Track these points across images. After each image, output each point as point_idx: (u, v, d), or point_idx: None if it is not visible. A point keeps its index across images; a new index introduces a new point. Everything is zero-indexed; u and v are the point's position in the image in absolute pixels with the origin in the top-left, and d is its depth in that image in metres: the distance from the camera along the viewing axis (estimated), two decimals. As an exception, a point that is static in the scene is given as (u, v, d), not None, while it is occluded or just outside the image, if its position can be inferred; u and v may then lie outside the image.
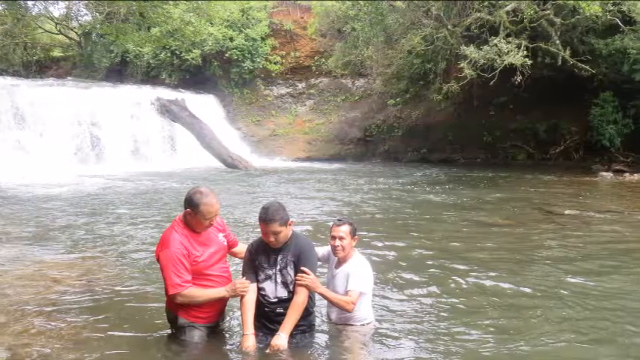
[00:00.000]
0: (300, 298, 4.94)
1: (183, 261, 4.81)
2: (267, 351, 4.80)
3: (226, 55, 29.74)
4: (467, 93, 24.50)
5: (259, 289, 5.07)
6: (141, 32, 24.18)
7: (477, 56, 18.35)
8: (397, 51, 24.10)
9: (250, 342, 4.83)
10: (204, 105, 28.48)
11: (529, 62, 18.19)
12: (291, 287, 5.01)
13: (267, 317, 5.07)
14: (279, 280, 5.03)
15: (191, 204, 4.89)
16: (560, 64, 19.96)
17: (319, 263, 5.42)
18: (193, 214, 4.89)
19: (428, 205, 14.21)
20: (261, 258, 5.08)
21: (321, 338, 5.32)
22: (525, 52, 18.53)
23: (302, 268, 4.96)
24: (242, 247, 5.45)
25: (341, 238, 5.29)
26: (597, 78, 21.58)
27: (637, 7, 18.12)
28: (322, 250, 5.62)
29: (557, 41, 19.64)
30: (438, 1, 19.90)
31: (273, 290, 5.04)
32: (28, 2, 25.81)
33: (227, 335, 5.42)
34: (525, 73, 18.45)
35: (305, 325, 5.13)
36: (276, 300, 5.04)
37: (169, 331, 5.28)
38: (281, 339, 4.81)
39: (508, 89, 22.41)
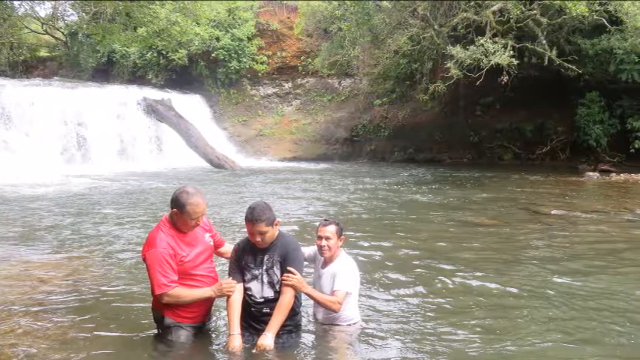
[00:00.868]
0: (287, 298, 4.94)
1: (169, 261, 4.80)
2: (254, 351, 4.81)
3: (213, 55, 29.65)
4: (453, 93, 24.59)
5: (245, 289, 5.06)
6: (127, 32, 24.19)
7: (463, 56, 18.41)
8: (383, 51, 24.07)
9: (237, 342, 4.83)
10: (191, 105, 28.42)
11: (515, 62, 18.26)
12: (277, 287, 5.00)
13: (254, 317, 5.06)
14: (265, 280, 5.02)
15: (177, 204, 4.87)
16: (547, 64, 20.04)
17: (305, 263, 5.41)
18: (180, 214, 4.88)
19: (414, 205, 14.23)
20: (247, 258, 5.07)
21: (307, 338, 5.32)
22: (512, 52, 18.60)
23: (288, 268, 4.96)
24: (228, 247, 5.45)
25: (327, 238, 5.29)
26: (584, 78, 21.66)
27: (623, 8, 18.22)
28: (308, 250, 5.62)
29: (544, 41, 19.74)
30: (424, 1, 19.94)
31: (260, 290, 5.03)
32: (15, 2, 25.73)
33: (213, 335, 5.41)
34: (512, 73, 18.52)
35: (291, 325, 5.13)
36: (262, 300, 5.03)
37: (156, 331, 5.26)
38: (267, 339, 4.81)
39: (494, 89, 22.54)
